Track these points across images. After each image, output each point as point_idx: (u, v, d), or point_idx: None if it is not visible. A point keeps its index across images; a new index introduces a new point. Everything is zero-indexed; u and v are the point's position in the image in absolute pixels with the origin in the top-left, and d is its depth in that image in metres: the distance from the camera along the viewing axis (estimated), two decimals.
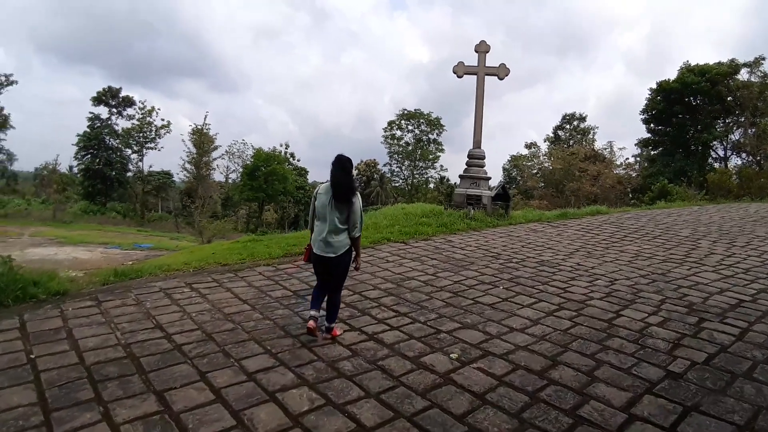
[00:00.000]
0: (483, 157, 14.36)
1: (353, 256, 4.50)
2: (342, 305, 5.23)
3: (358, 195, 4.35)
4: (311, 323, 4.36)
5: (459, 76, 14.75)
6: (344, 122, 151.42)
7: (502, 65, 14.48)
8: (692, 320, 5.10)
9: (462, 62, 14.66)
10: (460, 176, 14.87)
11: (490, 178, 14.41)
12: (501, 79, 14.59)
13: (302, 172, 71.09)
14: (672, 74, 32.00)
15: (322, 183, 4.49)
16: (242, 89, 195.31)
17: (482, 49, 14.67)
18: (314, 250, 4.39)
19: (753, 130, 28.53)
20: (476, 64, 14.63)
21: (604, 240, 10.03)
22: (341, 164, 4.26)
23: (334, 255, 4.29)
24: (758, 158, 27.05)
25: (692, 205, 16.94)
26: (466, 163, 14.46)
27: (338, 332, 4.58)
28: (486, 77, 14.66)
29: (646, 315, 5.19)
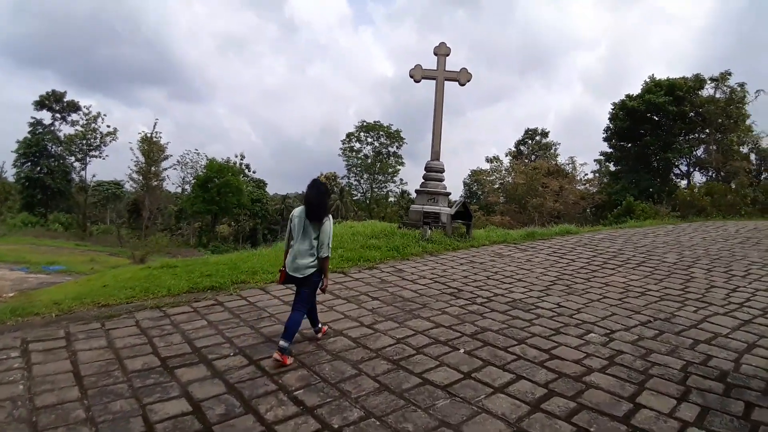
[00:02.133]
0: (442, 170, 12.77)
1: (322, 277, 4.59)
2: (220, 392, 3.45)
3: (330, 217, 4.53)
4: (277, 354, 4.15)
5: (416, 80, 13.19)
6: (308, 134, 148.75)
7: (464, 70, 13.01)
8: (737, 407, 3.48)
9: (419, 65, 13.13)
10: (417, 191, 13.23)
11: (449, 194, 12.81)
12: (462, 84, 13.12)
13: (260, 184, 68.57)
14: (630, 91, 31.64)
15: (296, 207, 4.69)
16: (206, 98, 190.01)
17: (442, 51, 13.19)
18: (288, 272, 4.52)
19: (714, 146, 28.16)
20: (435, 68, 13.13)
21: (582, 268, 8.48)
22: (316, 186, 4.52)
23: (301, 276, 4.43)
24: (722, 174, 26.58)
25: (665, 223, 15.79)
26: (423, 177, 12.84)
27: (326, 329, 4.99)
28: (446, 82, 13.18)
29: (674, 402, 3.52)
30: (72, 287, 9.70)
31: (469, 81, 13.09)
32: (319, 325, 4.89)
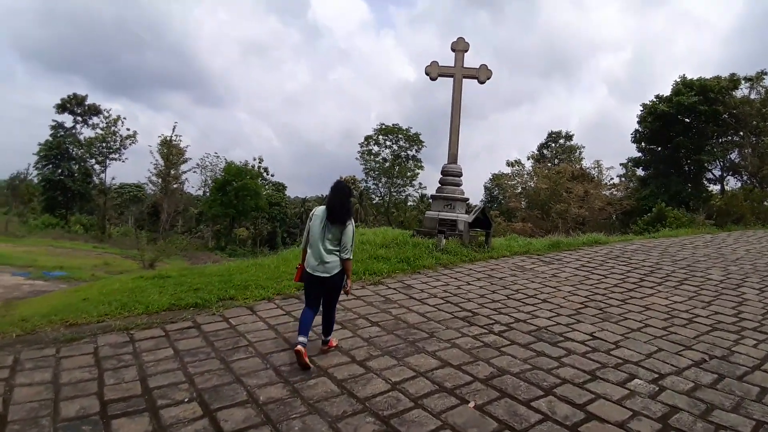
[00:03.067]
0: (459, 174, 11.85)
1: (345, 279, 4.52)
2: None
3: (353, 220, 4.47)
4: (299, 347, 4.13)
5: (432, 78, 12.32)
6: (329, 138, 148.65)
7: (483, 66, 12.10)
8: None
9: (436, 62, 12.27)
10: (432, 197, 12.32)
11: (467, 200, 11.87)
12: (481, 82, 12.20)
13: (279, 188, 68.32)
14: (657, 93, 30.06)
15: (318, 206, 4.62)
16: (228, 104, 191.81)
17: (460, 47, 12.30)
18: (308, 270, 4.44)
19: (750, 150, 26.55)
20: (452, 65, 12.25)
21: (616, 286, 7.46)
22: (340, 189, 4.49)
23: (327, 275, 4.37)
24: (758, 178, 24.97)
25: (701, 232, 14.58)
26: (440, 181, 11.94)
27: (334, 342, 4.72)
28: (464, 80, 12.28)
29: None
30: (55, 298, 9.04)
31: (489, 78, 12.18)
32: (330, 337, 4.65)
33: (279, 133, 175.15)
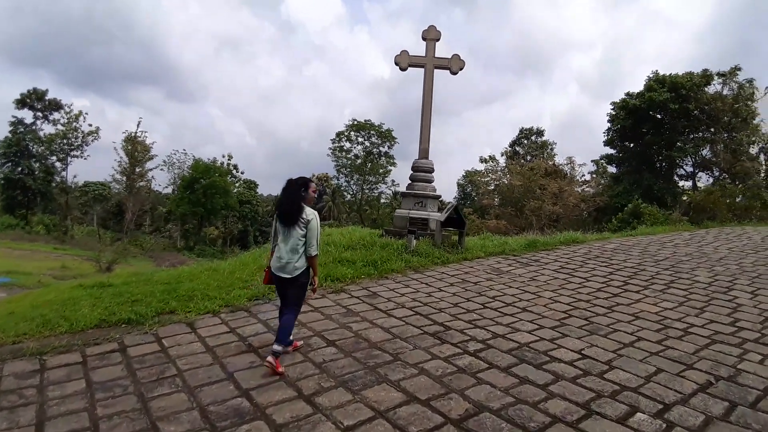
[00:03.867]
0: (431, 170, 11.18)
1: (311, 277, 4.37)
2: None
3: (315, 214, 4.27)
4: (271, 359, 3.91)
5: (402, 68, 11.60)
6: (303, 135, 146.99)
7: (455, 56, 11.45)
8: None
9: (406, 51, 11.56)
10: (402, 194, 11.65)
11: (439, 197, 11.21)
12: (454, 73, 11.55)
13: (251, 186, 66.87)
14: (627, 90, 29.94)
15: None
16: (200, 99, 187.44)
17: (431, 36, 11.62)
18: (273, 271, 4.31)
19: (721, 146, 26.60)
20: (424, 54, 11.54)
21: (599, 290, 6.87)
22: (288, 189, 4.26)
23: (289, 276, 4.20)
24: (730, 174, 24.96)
25: (679, 230, 14.22)
26: (410, 178, 11.26)
27: (298, 343, 4.56)
28: (436, 71, 11.59)
29: None
30: None
31: (461, 69, 11.54)
32: (281, 347, 4.12)
33: (252, 130, 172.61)
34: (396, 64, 11.52)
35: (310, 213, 4.23)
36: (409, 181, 11.24)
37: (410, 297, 6.28)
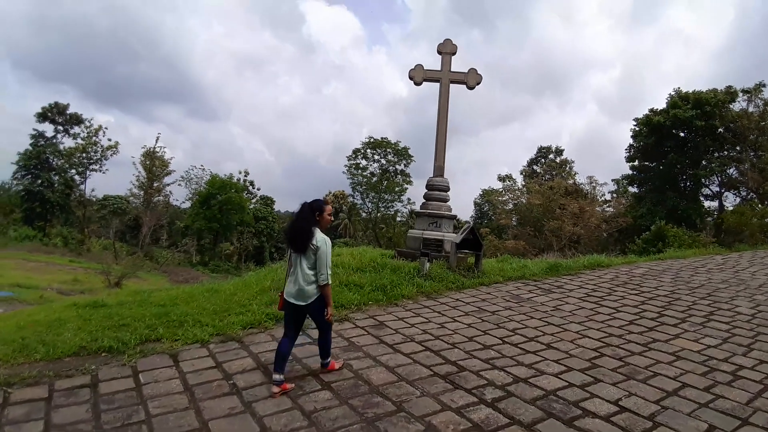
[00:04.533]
0: (446, 189, 10.63)
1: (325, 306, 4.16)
2: None
3: (326, 240, 4.08)
4: (274, 388, 3.88)
5: (417, 83, 11.15)
6: (321, 153, 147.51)
7: (472, 70, 10.99)
8: None
9: (421, 65, 11.13)
10: (416, 214, 11.11)
11: (455, 217, 10.62)
12: (470, 87, 11.08)
13: (268, 202, 66.84)
14: (647, 108, 29.02)
15: None
16: (221, 117, 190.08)
17: (447, 50, 11.18)
18: (285, 297, 4.16)
19: (747, 165, 25.58)
20: (439, 68, 11.10)
21: (632, 323, 6.17)
22: (298, 215, 4.17)
23: (303, 304, 4.08)
24: (759, 194, 23.88)
25: (710, 253, 13.39)
26: (424, 197, 10.72)
27: (337, 365, 4.41)
28: (452, 85, 11.13)
29: None
30: None
31: (479, 84, 11.06)
32: (329, 359, 4.38)
33: (271, 147, 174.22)
34: (410, 78, 11.09)
35: (320, 239, 4.03)
36: (424, 200, 10.69)
37: (420, 328, 5.67)
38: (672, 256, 12.68)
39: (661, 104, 28.43)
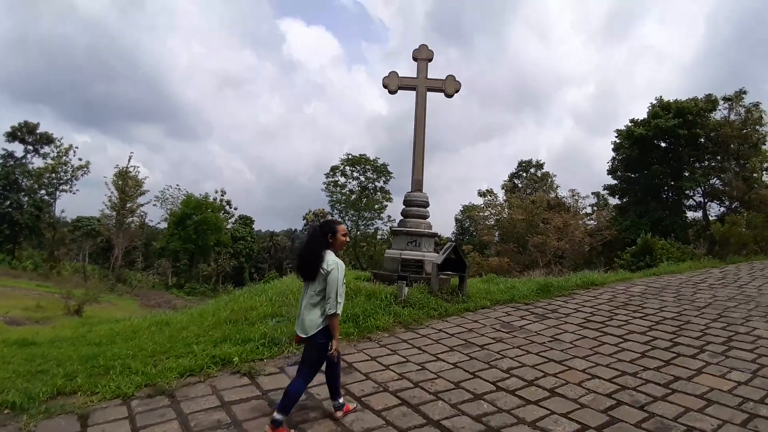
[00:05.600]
0: (425, 204, 9.76)
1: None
2: None
3: (339, 264, 3.61)
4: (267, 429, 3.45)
5: (391, 91, 10.36)
6: (302, 171, 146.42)
7: (450, 77, 10.25)
8: None
9: (395, 72, 10.35)
10: (393, 232, 10.23)
11: (436, 235, 9.72)
12: (449, 95, 10.34)
13: (246, 221, 65.45)
14: (620, 123, 28.68)
15: None
16: (201, 136, 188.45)
17: (422, 55, 10.43)
18: (295, 328, 3.75)
19: (730, 174, 25.22)
20: (415, 75, 10.31)
21: (645, 356, 5.27)
22: (306, 238, 3.83)
23: (305, 335, 3.60)
24: (743, 203, 23.43)
25: (705, 266, 12.67)
26: (402, 213, 9.84)
27: (351, 407, 3.86)
28: (429, 93, 10.35)
29: None
30: None
31: (457, 91, 10.34)
32: (341, 400, 3.82)
33: (252, 166, 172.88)
34: (384, 86, 10.27)
35: (331, 263, 3.59)
36: (401, 217, 9.81)
37: (397, 371, 4.70)
38: (667, 271, 11.92)
39: (636, 117, 28.14)
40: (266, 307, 7.18)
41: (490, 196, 33.96)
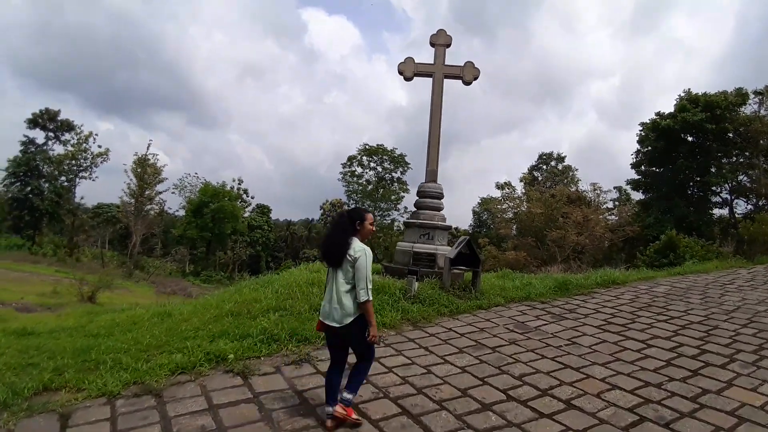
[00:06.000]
0: (440, 196, 9.39)
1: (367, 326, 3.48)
2: None
3: (366, 250, 3.50)
4: (330, 422, 3.41)
5: (407, 78, 9.97)
6: (322, 161, 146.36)
7: (469, 64, 9.83)
8: None
9: (411, 58, 9.95)
10: (405, 224, 9.91)
11: (450, 228, 9.38)
12: (467, 83, 9.91)
13: (264, 210, 65.59)
14: (646, 117, 27.91)
15: None
16: (222, 125, 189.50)
17: (440, 41, 10.02)
18: (320, 317, 3.61)
19: (758, 171, 24.25)
20: (432, 62, 9.91)
21: (670, 365, 4.87)
22: (333, 224, 3.83)
23: (338, 325, 3.45)
24: None
25: (733, 266, 12.11)
26: (415, 205, 9.49)
27: (354, 413, 3.51)
28: (446, 80, 9.96)
29: None
30: None
31: (476, 78, 9.91)
32: (351, 397, 3.53)
33: (271, 156, 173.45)
34: (400, 73, 9.88)
35: (358, 249, 3.48)
36: (414, 209, 9.46)
37: (400, 374, 4.38)
38: (692, 270, 11.39)
39: (663, 110, 27.23)
40: (271, 300, 6.88)
41: (509, 188, 33.31)
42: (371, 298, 3.47)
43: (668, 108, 27.21)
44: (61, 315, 10.30)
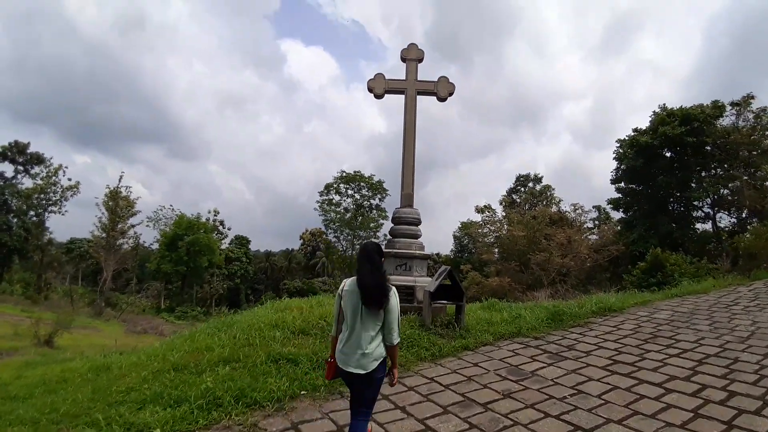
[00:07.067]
0: (417, 222, 8.56)
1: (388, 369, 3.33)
2: None
3: (394, 290, 3.26)
4: None
5: (378, 95, 9.24)
6: (301, 191, 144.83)
7: (443, 78, 9.16)
8: None
9: (382, 74, 9.24)
10: None
11: (429, 256, 8.50)
12: (441, 99, 9.23)
13: (243, 242, 64.07)
14: (618, 136, 27.74)
15: (348, 278, 3.39)
16: (201, 156, 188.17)
17: (412, 55, 9.36)
18: (339, 365, 3.23)
19: (738, 183, 24.01)
20: (404, 77, 9.20)
21: (698, 414, 4.02)
22: (368, 256, 3.27)
23: (363, 372, 3.16)
24: (757, 213, 22.20)
25: (730, 283, 11.41)
26: (390, 232, 8.66)
27: None
28: (419, 97, 9.25)
29: None
30: None
31: (451, 94, 9.24)
32: None
33: (251, 186, 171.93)
34: (370, 90, 9.18)
35: (392, 291, 3.22)
36: (389, 237, 8.60)
37: None
38: (690, 291, 10.65)
39: (636, 127, 27.11)
40: (225, 348, 5.91)
41: (489, 212, 32.68)
42: (400, 340, 3.31)
43: (642, 126, 27.08)
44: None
